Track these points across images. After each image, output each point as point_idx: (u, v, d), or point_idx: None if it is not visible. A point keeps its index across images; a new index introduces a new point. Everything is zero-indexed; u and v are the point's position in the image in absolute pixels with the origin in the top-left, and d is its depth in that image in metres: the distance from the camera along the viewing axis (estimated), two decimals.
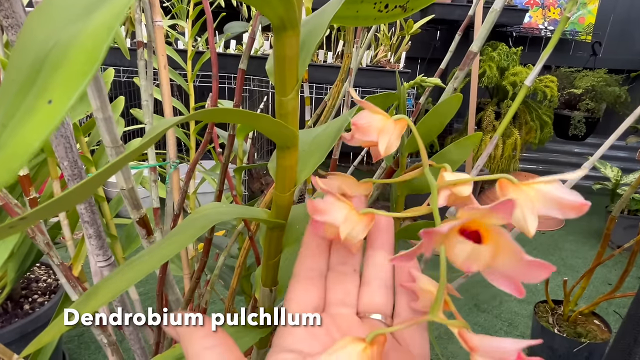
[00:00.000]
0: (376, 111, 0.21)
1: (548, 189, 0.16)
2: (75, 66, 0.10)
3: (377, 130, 0.20)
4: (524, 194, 0.16)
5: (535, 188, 0.16)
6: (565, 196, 0.16)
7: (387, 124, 0.20)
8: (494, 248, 0.15)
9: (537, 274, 0.14)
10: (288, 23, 0.17)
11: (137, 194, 0.33)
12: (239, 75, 0.30)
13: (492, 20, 0.25)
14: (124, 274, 0.17)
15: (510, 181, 0.17)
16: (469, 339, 0.15)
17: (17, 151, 0.10)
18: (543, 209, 0.16)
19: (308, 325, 0.19)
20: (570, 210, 0.16)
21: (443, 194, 0.18)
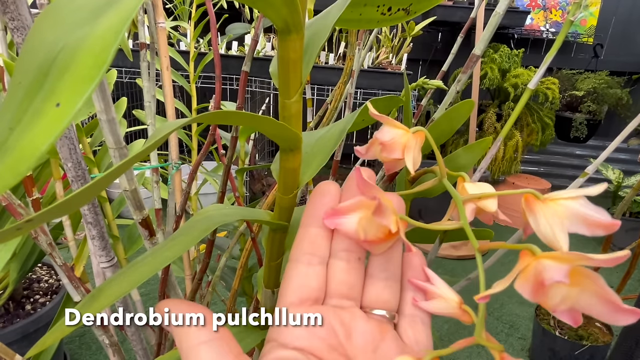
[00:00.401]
0: (396, 125, 0.20)
1: (575, 205, 0.16)
2: (83, 70, 0.11)
3: (401, 146, 0.19)
4: (551, 210, 0.16)
5: (561, 204, 0.16)
6: (593, 214, 0.15)
7: (409, 138, 0.19)
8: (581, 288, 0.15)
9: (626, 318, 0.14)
10: (292, 26, 0.17)
11: (140, 195, 0.33)
12: (242, 78, 0.30)
13: (495, 23, 0.25)
14: (127, 276, 0.17)
15: (535, 196, 0.16)
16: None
17: (24, 155, 0.10)
18: (571, 225, 0.16)
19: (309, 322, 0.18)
20: (598, 228, 0.15)
21: (469, 208, 0.17)
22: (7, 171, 0.10)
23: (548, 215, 0.16)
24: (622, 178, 2.05)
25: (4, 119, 0.11)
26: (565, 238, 0.15)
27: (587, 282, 0.14)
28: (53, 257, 0.38)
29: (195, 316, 0.17)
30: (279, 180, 0.23)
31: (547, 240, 0.16)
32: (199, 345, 0.16)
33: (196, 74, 0.77)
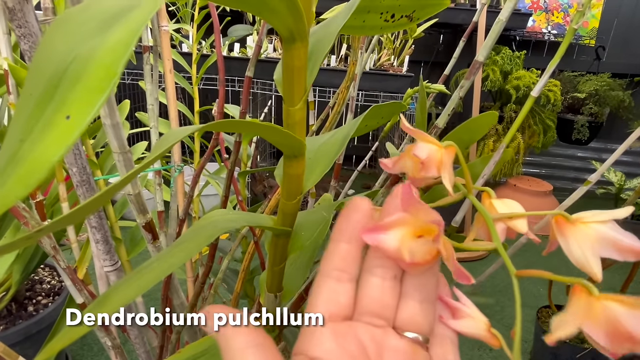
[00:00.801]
0: (430, 140, 0.19)
1: (605, 230, 0.16)
2: (94, 82, 0.11)
3: (436, 163, 0.18)
4: (582, 233, 0.16)
5: (592, 227, 0.16)
6: (624, 239, 0.15)
7: (443, 154, 0.19)
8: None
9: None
10: (297, 35, 0.17)
11: (144, 199, 0.33)
12: (246, 82, 0.30)
13: (498, 30, 0.25)
14: (133, 282, 0.17)
15: (566, 219, 0.16)
16: None
17: (35, 167, 0.10)
18: (602, 250, 0.16)
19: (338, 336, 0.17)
20: (629, 253, 0.15)
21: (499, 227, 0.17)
22: (18, 183, 0.10)
23: (579, 239, 0.16)
24: (624, 180, 2.04)
25: (15, 130, 0.11)
26: (599, 264, 0.15)
27: None
28: (57, 260, 0.38)
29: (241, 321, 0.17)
30: (282, 186, 0.23)
31: (579, 264, 0.15)
32: (246, 349, 0.16)
33: (199, 76, 0.77)
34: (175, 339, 0.37)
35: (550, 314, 1.10)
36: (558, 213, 0.16)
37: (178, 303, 0.38)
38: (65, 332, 0.15)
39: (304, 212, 0.29)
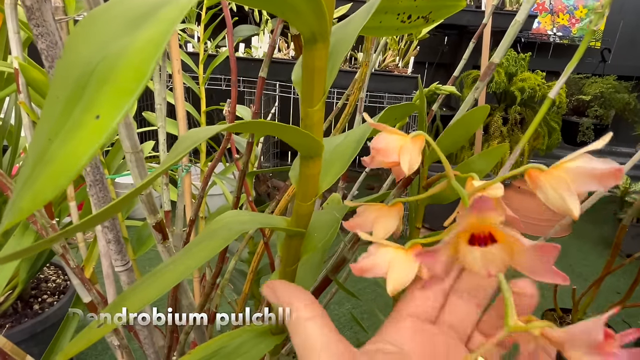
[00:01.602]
0: (392, 131, 0.21)
1: (577, 164, 0.16)
2: (123, 82, 0.11)
3: (396, 150, 0.20)
4: (556, 177, 0.16)
5: (564, 168, 0.16)
6: (597, 165, 0.15)
7: (405, 142, 0.20)
8: (506, 246, 0.15)
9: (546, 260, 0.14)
10: (319, 35, 0.17)
11: (154, 199, 0.33)
12: (259, 83, 0.30)
13: (514, 32, 0.25)
14: (151, 283, 0.17)
15: (539, 169, 0.16)
16: (553, 337, 0.14)
17: (65, 166, 0.10)
18: (580, 186, 0.16)
19: (416, 331, 0.19)
20: (606, 179, 0.15)
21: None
22: (48, 183, 0.10)
23: (554, 183, 0.16)
24: (629, 183, 2.03)
25: (43, 129, 0.11)
26: (576, 202, 0.15)
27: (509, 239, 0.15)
28: (66, 259, 0.38)
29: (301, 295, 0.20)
30: (298, 187, 0.23)
31: (557, 207, 0.16)
32: (307, 320, 0.18)
33: (205, 76, 0.77)
34: (184, 340, 0.37)
35: (556, 317, 1.09)
36: (531, 167, 0.16)
37: (187, 303, 0.38)
38: (85, 332, 0.15)
39: (316, 213, 0.29)
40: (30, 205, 0.10)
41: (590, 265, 1.76)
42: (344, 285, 0.46)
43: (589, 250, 1.90)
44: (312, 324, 0.18)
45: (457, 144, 0.29)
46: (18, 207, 0.10)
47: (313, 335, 0.18)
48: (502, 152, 0.29)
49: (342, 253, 0.39)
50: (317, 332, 0.18)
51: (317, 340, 0.18)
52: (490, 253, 0.15)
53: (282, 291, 0.20)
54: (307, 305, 0.19)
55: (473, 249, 0.15)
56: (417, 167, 0.20)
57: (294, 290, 0.20)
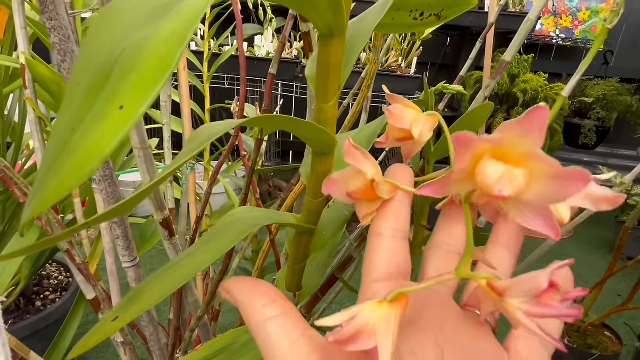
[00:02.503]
0: (408, 104, 0.21)
1: None
2: (148, 72, 0.10)
3: (410, 119, 0.20)
4: None
5: None
6: (597, 189, 0.16)
7: (419, 115, 0.21)
8: (528, 173, 0.14)
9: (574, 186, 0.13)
10: (336, 30, 0.17)
11: (162, 195, 0.33)
12: (269, 80, 0.30)
13: (527, 29, 0.25)
14: (165, 278, 0.17)
15: None
16: (498, 286, 0.14)
17: (88, 156, 0.10)
18: (576, 201, 0.16)
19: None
20: (603, 202, 0.16)
21: None
22: (72, 173, 0.10)
23: None
24: (631, 186, 2.03)
25: (65, 119, 0.11)
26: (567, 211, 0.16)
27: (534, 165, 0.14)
28: (72, 256, 0.38)
29: (261, 293, 0.17)
30: (309, 183, 0.23)
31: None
32: (265, 321, 0.16)
33: (210, 74, 0.77)
34: (188, 337, 0.37)
35: None
36: None
37: (192, 301, 0.38)
38: (100, 326, 0.15)
39: (326, 210, 0.29)
40: (53, 195, 0.10)
41: (591, 267, 1.76)
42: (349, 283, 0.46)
43: (590, 253, 1.90)
44: (273, 325, 0.16)
45: None
46: (41, 197, 0.10)
47: (275, 337, 0.16)
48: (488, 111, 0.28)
49: (349, 251, 0.39)
50: (280, 333, 0.16)
51: (280, 344, 0.16)
52: (511, 172, 0.14)
53: (238, 290, 0.17)
54: (265, 305, 0.17)
55: (497, 163, 0.14)
56: (426, 140, 0.20)
57: (251, 287, 0.17)
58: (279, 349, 0.16)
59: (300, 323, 0.17)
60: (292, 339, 0.16)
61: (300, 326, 0.16)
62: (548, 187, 0.14)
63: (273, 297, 0.17)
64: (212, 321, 0.57)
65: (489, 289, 0.14)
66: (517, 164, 0.14)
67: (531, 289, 0.13)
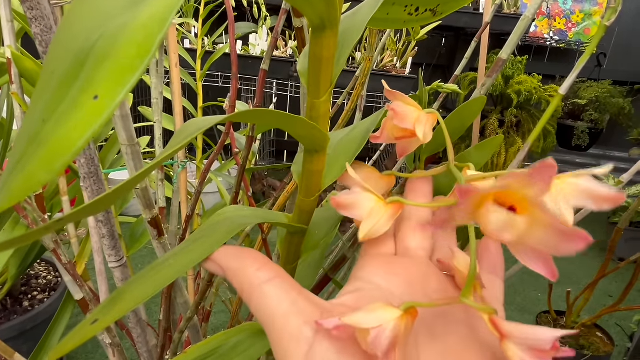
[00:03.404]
0: (409, 102, 0.21)
1: (580, 182, 0.16)
2: (125, 60, 0.10)
3: (413, 119, 0.20)
4: (557, 188, 0.16)
5: (567, 182, 0.16)
6: (598, 188, 0.16)
7: (421, 114, 0.21)
8: (529, 220, 0.14)
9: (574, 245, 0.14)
10: (328, 22, 0.16)
11: (150, 193, 0.32)
12: (260, 76, 0.29)
13: (523, 27, 0.24)
14: (149, 278, 0.16)
15: None
16: (501, 326, 0.14)
17: (59, 149, 0.10)
18: (577, 201, 0.16)
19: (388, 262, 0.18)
20: (604, 201, 0.15)
21: None
22: (41, 166, 0.09)
23: (553, 193, 0.16)
24: (623, 187, 2.04)
25: (36, 109, 0.10)
26: (571, 214, 0.16)
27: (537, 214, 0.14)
28: (58, 255, 0.37)
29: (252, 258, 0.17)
30: (301, 182, 0.22)
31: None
32: (261, 284, 0.16)
33: (203, 72, 0.76)
34: (178, 339, 0.37)
35: (550, 320, 1.09)
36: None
37: (182, 302, 0.37)
38: (80, 329, 0.14)
39: (318, 210, 0.28)
40: (22, 188, 0.09)
41: (583, 268, 1.77)
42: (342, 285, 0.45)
43: (583, 254, 1.91)
44: (270, 286, 0.16)
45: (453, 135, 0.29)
46: (9, 190, 0.09)
47: (274, 298, 0.15)
48: (497, 144, 0.29)
49: (342, 251, 0.39)
50: (278, 294, 0.16)
51: (280, 303, 0.15)
52: (513, 219, 0.14)
53: (226, 257, 0.17)
54: (259, 269, 0.16)
55: (500, 210, 0.14)
56: (429, 140, 0.20)
57: (239, 253, 0.17)
58: (279, 308, 0.15)
59: (296, 284, 0.16)
60: (291, 297, 0.16)
61: (296, 287, 0.16)
62: (549, 238, 0.14)
63: (264, 261, 0.17)
64: (202, 322, 0.56)
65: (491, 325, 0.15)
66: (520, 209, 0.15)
67: (534, 346, 0.13)
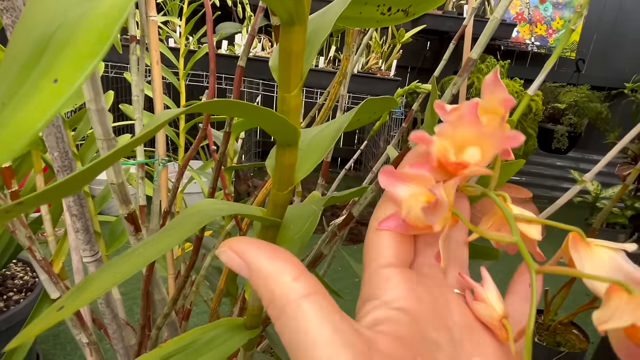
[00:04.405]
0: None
1: (618, 258, 0.16)
2: (85, 46, 0.10)
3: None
4: (597, 257, 0.16)
5: (607, 253, 0.16)
6: (636, 272, 0.15)
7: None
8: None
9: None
10: (296, 18, 0.17)
11: (127, 189, 0.32)
12: (238, 72, 0.29)
13: (492, 27, 0.25)
14: (115, 268, 0.17)
15: (581, 237, 0.16)
16: None
17: (19, 131, 0.10)
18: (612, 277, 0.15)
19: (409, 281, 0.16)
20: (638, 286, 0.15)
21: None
22: (1, 147, 0.10)
23: (595, 262, 0.16)
24: (600, 190, 2.10)
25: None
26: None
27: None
28: (32, 252, 0.36)
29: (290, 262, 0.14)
30: (273, 176, 0.23)
31: (591, 286, 0.15)
32: (299, 299, 0.13)
33: (186, 71, 0.76)
34: (155, 335, 0.36)
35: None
36: (575, 229, 0.16)
37: (159, 298, 0.37)
38: (45, 316, 0.14)
39: (294, 205, 0.29)
40: None
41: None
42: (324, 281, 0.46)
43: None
44: (308, 303, 0.13)
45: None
46: None
47: (314, 320, 0.13)
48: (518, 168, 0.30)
49: (320, 249, 0.39)
50: (319, 315, 0.13)
51: (322, 327, 0.13)
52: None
53: (257, 257, 0.14)
54: (297, 278, 0.14)
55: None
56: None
57: (271, 253, 0.14)
58: (320, 334, 0.13)
59: (335, 304, 0.14)
60: (334, 322, 0.13)
61: (337, 308, 0.14)
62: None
63: (301, 269, 0.14)
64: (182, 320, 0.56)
65: None
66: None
67: None
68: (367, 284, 0.16)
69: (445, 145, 0.16)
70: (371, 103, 0.26)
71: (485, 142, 0.16)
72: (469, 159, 0.16)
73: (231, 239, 0.15)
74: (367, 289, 0.16)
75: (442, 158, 0.16)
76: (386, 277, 0.16)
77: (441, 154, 0.16)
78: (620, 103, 2.53)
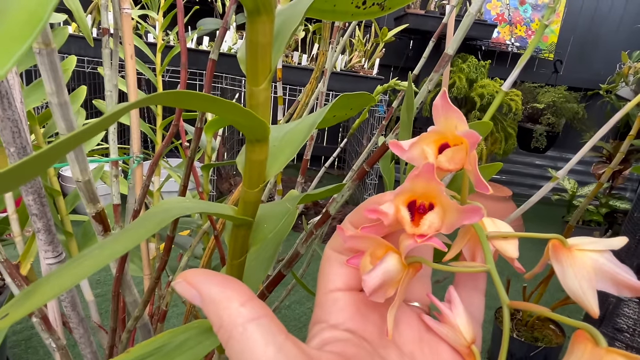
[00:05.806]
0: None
1: (602, 260, 0.15)
2: (14, 28, 0.09)
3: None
4: (579, 261, 0.15)
5: (589, 256, 0.15)
6: (622, 272, 0.15)
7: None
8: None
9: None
10: (262, 7, 0.16)
11: (94, 187, 0.31)
12: (209, 65, 0.28)
13: (468, 23, 0.25)
14: (70, 269, 0.16)
15: (562, 243, 0.16)
16: None
17: None
18: (600, 283, 0.15)
19: (358, 303, 0.17)
20: (626, 288, 0.15)
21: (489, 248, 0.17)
22: None
23: (576, 268, 0.15)
24: (576, 188, 2.16)
25: None
26: (595, 297, 0.15)
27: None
28: None
29: (237, 290, 0.15)
30: (244, 173, 0.22)
31: (574, 295, 0.15)
32: (245, 323, 0.14)
33: (163, 66, 0.74)
34: (126, 339, 0.35)
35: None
36: (555, 237, 0.16)
37: (131, 300, 0.36)
38: None
39: (268, 203, 0.28)
40: None
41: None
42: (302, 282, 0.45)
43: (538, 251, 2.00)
44: (254, 326, 0.14)
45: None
46: None
47: (258, 341, 0.14)
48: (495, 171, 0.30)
49: (296, 248, 0.38)
50: (264, 336, 0.14)
51: (266, 348, 0.13)
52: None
53: (206, 284, 0.15)
54: (244, 303, 0.14)
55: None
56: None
57: (222, 282, 0.15)
58: (264, 354, 0.13)
59: (282, 327, 0.15)
60: (277, 342, 0.14)
61: (283, 330, 0.15)
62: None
63: (249, 295, 0.15)
64: (158, 322, 0.55)
65: None
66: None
67: None
68: (317, 308, 0.18)
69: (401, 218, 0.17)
70: (346, 99, 0.25)
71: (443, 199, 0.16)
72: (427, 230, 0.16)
73: (187, 271, 0.16)
74: (317, 312, 0.18)
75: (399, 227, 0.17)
76: (334, 300, 0.18)
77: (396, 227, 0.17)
78: (596, 104, 2.60)
